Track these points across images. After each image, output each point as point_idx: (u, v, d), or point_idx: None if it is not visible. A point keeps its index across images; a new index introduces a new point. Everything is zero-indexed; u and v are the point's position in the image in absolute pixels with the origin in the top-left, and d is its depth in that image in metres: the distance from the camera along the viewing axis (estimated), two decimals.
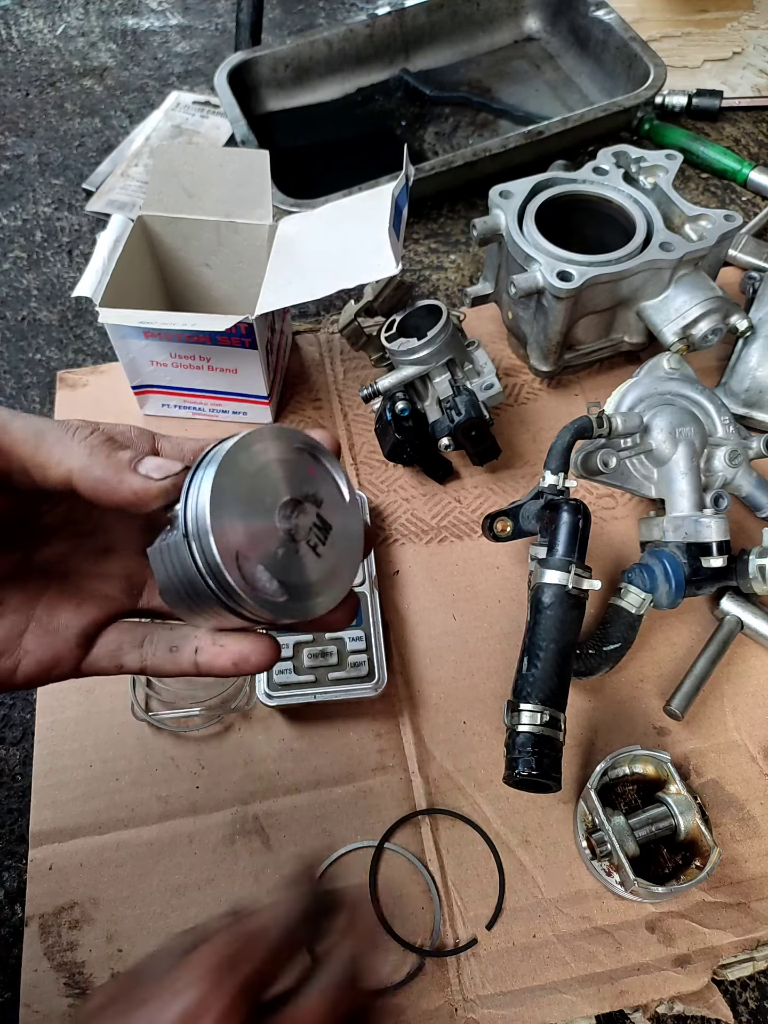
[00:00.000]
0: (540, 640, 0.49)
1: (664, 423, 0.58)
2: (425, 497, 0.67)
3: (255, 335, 0.60)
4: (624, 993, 0.48)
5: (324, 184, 0.77)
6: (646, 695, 0.58)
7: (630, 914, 0.50)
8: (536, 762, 0.46)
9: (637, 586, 0.55)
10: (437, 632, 0.60)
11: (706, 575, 0.56)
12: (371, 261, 0.56)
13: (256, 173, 0.65)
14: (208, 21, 1.10)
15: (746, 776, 0.54)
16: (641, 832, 0.50)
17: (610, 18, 0.91)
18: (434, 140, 0.93)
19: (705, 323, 0.63)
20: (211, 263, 0.70)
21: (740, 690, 0.58)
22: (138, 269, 0.67)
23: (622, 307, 0.66)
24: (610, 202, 0.67)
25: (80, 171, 0.93)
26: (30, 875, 0.52)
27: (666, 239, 0.63)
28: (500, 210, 0.66)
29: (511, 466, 0.68)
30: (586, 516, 0.52)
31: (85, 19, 1.12)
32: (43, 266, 0.85)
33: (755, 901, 0.50)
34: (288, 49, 0.92)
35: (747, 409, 0.68)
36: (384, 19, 0.94)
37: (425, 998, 0.48)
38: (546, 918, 0.50)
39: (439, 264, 0.83)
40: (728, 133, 0.93)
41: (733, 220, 0.64)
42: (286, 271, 0.61)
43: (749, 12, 1.05)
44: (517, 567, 0.63)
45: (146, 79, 1.03)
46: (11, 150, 0.96)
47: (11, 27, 1.11)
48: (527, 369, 0.72)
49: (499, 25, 1.00)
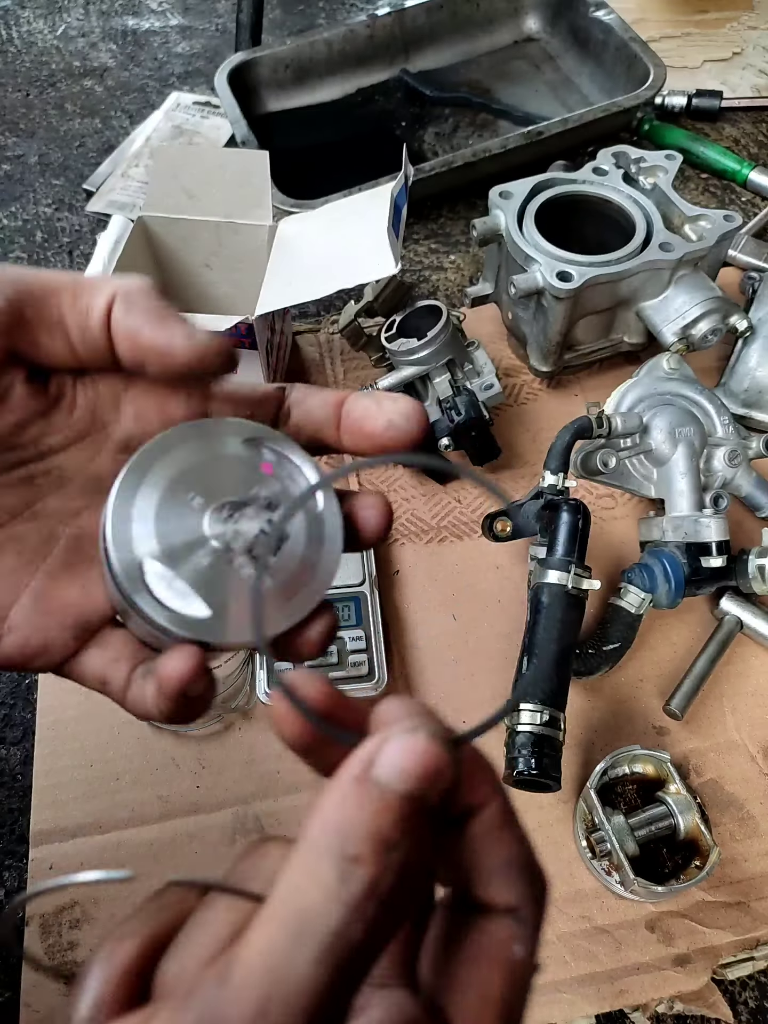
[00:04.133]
0: (540, 640, 0.49)
1: (664, 423, 0.59)
2: (425, 497, 0.67)
3: (255, 335, 0.60)
4: (624, 992, 0.48)
5: (324, 185, 0.78)
6: (646, 695, 0.58)
7: (630, 914, 0.50)
8: (536, 761, 0.46)
9: (637, 586, 0.55)
10: (437, 632, 0.61)
11: (706, 575, 0.56)
12: (371, 261, 0.56)
13: (256, 174, 0.65)
14: (208, 22, 1.11)
15: (746, 776, 0.54)
16: (641, 832, 0.50)
17: (610, 19, 0.91)
18: (434, 140, 0.93)
19: (705, 323, 0.63)
20: (211, 263, 0.70)
21: (740, 690, 0.58)
22: (138, 270, 0.67)
23: (622, 307, 0.66)
24: (610, 202, 0.67)
25: (80, 172, 0.93)
26: (31, 874, 0.52)
27: (666, 239, 0.63)
28: (500, 210, 0.66)
29: (511, 466, 0.68)
30: (586, 516, 0.52)
31: (85, 19, 1.12)
32: (43, 267, 0.85)
33: (755, 900, 0.50)
34: (288, 49, 0.92)
35: (746, 409, 0.68)
36: (384, 20, 0.94)
37: None
38: (545, 917, 0.50)
39: (439, 264, 0.84)
40: (728, 133, 0.93)
41: (733, 220, 0.64)
42: (286, 271, 0.62)
43: (749, 12, 1.05)
44: (517, 567, 0.63)
45: (146, 79, 1.03)
46: (11, 150, 0.96)
47: (11, 27, 1.11)
48: (527, 369, 0.72)
49: (499, 25, 1.00)
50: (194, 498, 0.25)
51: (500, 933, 0.20)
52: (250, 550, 0.25)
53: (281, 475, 0.26)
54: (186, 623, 0.24)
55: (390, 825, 0.17)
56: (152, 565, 0.24)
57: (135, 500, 0.24)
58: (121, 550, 0.24)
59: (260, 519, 0.25)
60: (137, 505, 0.24)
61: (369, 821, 0.17)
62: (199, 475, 0.25)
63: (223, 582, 0.24)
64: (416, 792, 0.17)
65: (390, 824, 0.17)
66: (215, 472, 0.25)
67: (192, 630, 0.24)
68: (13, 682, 0.60)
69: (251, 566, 0.25)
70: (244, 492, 0.25)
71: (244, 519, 0.25)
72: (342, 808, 0.17)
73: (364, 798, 0.17)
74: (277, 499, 0.25)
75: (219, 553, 0.24)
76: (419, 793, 0.17)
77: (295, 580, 0.25)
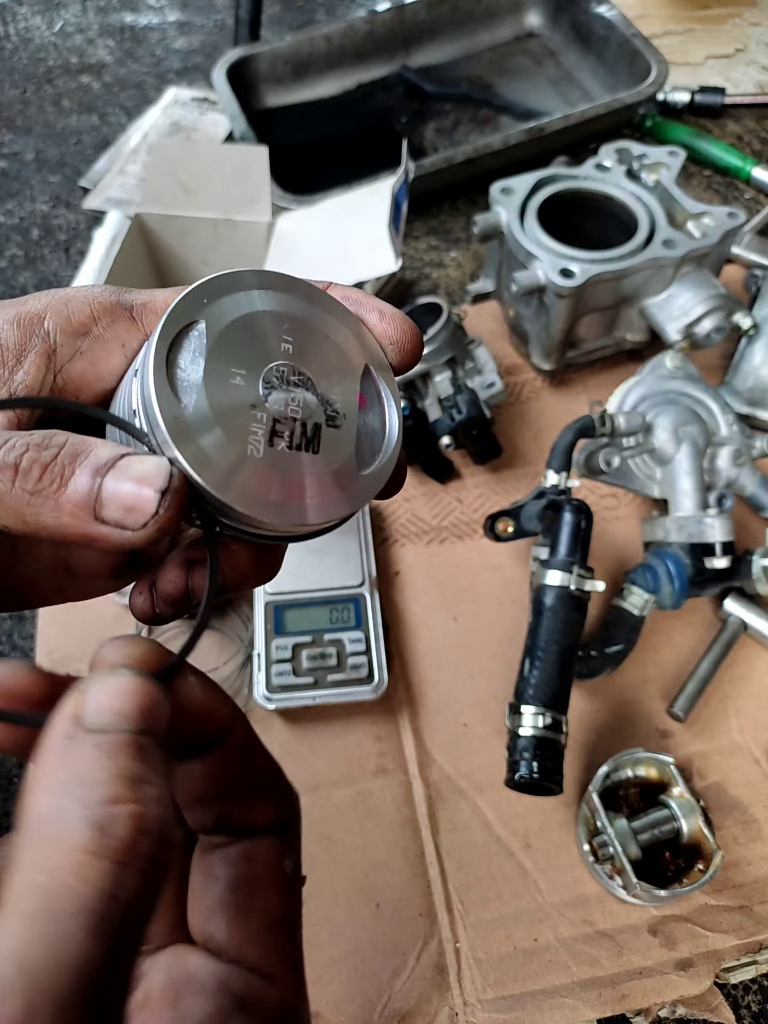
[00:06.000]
0: (542, 642, 0.49)
1: (667, 422, 0.58)
2: (426, 497, 0.67)
3: None
4: (626, 997, 0.47)
5: (323, 180, 0.77)
6: (649, 697, 0.57)
7: (632, 918, 0.49)
8: (538, 765, 0.46)
9: (640, 587, 0.55)
10: (438, 634, 0.60)
11: (710, 576, 0.55)
12: (371, 258, 0.56)
13: (255, 169, 0.64)
14: (207, 17, 1.10)
15: (749, 779, 0.54)
16: (643, 835, 0.49)
17: (612, 14, 0.90)
18: (435, 136, 0.92)
19: (708, 321, 0.63)
20: (209, 260, 0.70)
21: (743, 692, 0.57)
22: (135, 267, 0.66)
23: (625, 305, 0.66)
24: (612, 199, 0.67)
25: (77, 168, 0.92)
26: None
27: (669, 236, 0.62)
28: (501, 207, 0.65)
29: (513, 465, 0.68)
30: (588, 516, 0.51)
31: (83, 16, 1.11)
32: (40, 264, 0.85)
33: (758, 904, 0.50)
34: (287, 45, 0.91)
35: (751, 408, 0.67)
36: (384, 15, 0.93)
37: (425, 1002, 0.47)
38: (548, 922, 0.49)
39: (440, 261, 0.83)
40: (731, 130, 0.92)
41: (736, 217, 0.63)
42: (285, 268, 0.61)
43: (751, 9, 1.04)
44: (519, 568, 0.63)
45: (144, 76, 1.03)
46: (8, 147, 0.95)
47: (8, 24, 1.10)
48: (529, 367, 0.72)
49: (500, 21, 0.99)
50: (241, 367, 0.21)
51: (268, 853, 0.20)
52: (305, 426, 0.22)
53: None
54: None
55: (132, 761, 0.16)
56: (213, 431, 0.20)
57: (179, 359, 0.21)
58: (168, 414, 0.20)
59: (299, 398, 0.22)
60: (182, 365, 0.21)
61: (107, 764, 0.16)
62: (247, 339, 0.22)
63: (282, 460, 0.21)
64: (142, 727, 0.16)
65: (131, 760, 0.16)
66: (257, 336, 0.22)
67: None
68: None
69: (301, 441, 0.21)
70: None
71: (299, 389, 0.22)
72: (66, 767, 0.16)
73: (88, 748, 0.16)
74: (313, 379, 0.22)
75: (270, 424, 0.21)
76: (145, 727, 0.16)
77: (348, 467, 0.22)
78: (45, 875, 0.14)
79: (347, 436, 0.23)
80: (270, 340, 0.22)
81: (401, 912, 0.50)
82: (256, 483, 0.21)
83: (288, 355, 0.22)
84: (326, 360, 0.23)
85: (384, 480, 0.23)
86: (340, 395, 0.23)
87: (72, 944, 0.14)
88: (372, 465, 0.23)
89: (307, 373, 0.22)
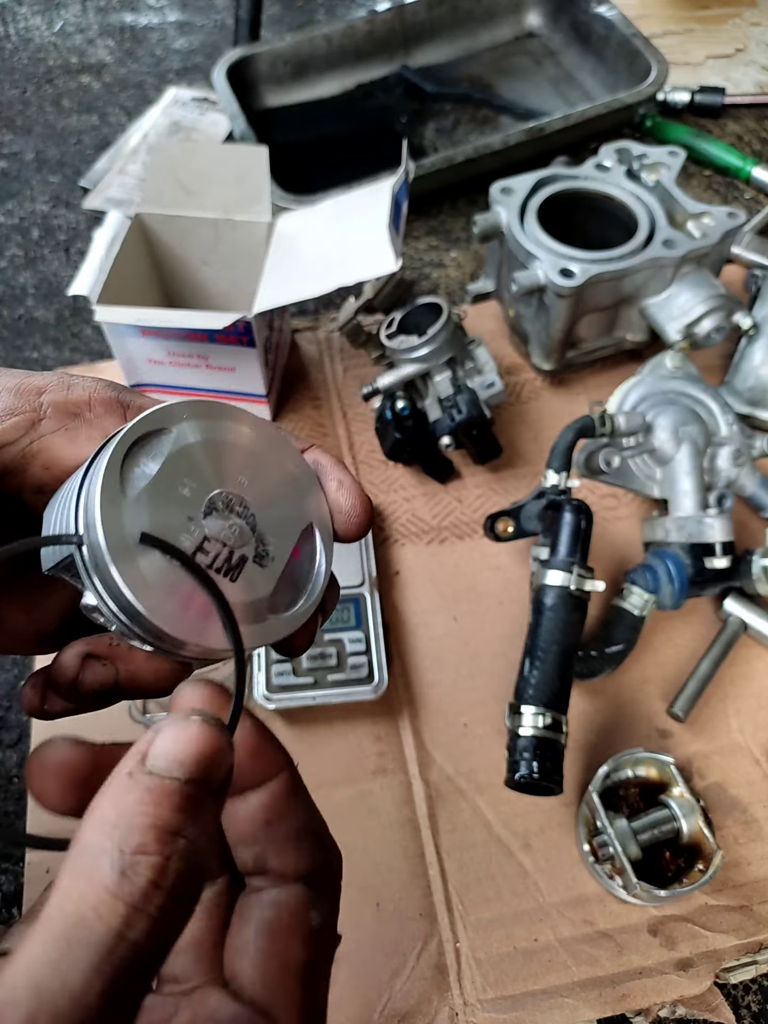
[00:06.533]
0: (542, 642, 0.49)
1: (667, 422, 0.58)
2: (426, 497, 0.67)
3: (253, 333, 0.60)
4: (626, 997, 0.47)
5: (323, 180, 0.77)
6: (649, 697, 0.57)
7: (632, 918, 0.49)
8: (538, 765, 0.46)
9: (640, 587, 0.55)
10: (438, 634, 0.60)
11: (710, 576, 0.55)
12: (371, 258, 0.56)
13: (255, 169, 0.64)
14: (207, 17, 1.10)
15: (750, 779, 0.54)
16: (644, 835, 0.49)
17: (612, 14, 0.90)
18: (435, 136, 0.92)
19: (708, 321, 0.63)
20: (209, 260, 0.70)
21: (744, 692, 0.57)
22: (135, 267, 0.66)
23: (625, 305, 0.66)
24: (612, 199, 0.67)
25: (77, 168, 0.92)
26: (27, 879, 0.51)
27: (669, 236, 0.62)
28: (501, 206, 0.65)
29: (513, 465, 0.68)
30: (588, 516, 0.51)
31: (83, 16, 1.11)
32: (40, 264, 0.85)
33: (758, 904, 0.50)
34: (287, 45, 0.91)
35: (751, 408, 0.67)
36: (384, 15, 0.93)
37: (425, 1003, 0.47)
38: (548, 922, 0.49)
39: (440, 261, 0.83)
40: (731, 130, 0.92)
41: (736, 217, 0.63)
42: (285, 268, 0.61)
43: (751, 9, 1.04)
44: (519, 568, 0.63)
45: (144, 75, 1.03)
46: (8, 147, 0.95)
47: (8, 24, 1.10)
48: (529, 367, 0.72)
49: (500, 21, 0.99)
50: (186, 487, 0.22)
51: (294, 901, 0.20)
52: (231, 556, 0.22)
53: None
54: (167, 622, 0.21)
55: (171, 812, 0.16)
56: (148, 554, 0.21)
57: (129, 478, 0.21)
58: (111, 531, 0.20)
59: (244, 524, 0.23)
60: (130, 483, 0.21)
61: (148, 811, 0.16)
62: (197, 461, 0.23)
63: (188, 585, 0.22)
64: (195, 777, 0.17)
65: (170, 811, 0.16)
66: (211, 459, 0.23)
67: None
68: (9, 684, 0.60)
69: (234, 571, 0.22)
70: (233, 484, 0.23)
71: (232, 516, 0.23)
72: (117, 805, 0.16)
73: (140, 790, 0.17)
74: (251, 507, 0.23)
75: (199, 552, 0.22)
76: (198, 778, 0.17)
77: (277, 597, 0.23)
78: (73, 904, 0.15)
79: (269, 578, 0.23)
80: (229, 470, 0.23)
81: (401, 912, 0.50)
82: (165, 580, 0.21)
83: (241, 487, 0.23)
84: (275, 505, 0.24)
85: (288, 631, 0.24)
86: (276, 540, 0.24)
87: (78, 972, 0.15)
88: (282, 614, 0.24)
89: (252, 510, 0.23)
